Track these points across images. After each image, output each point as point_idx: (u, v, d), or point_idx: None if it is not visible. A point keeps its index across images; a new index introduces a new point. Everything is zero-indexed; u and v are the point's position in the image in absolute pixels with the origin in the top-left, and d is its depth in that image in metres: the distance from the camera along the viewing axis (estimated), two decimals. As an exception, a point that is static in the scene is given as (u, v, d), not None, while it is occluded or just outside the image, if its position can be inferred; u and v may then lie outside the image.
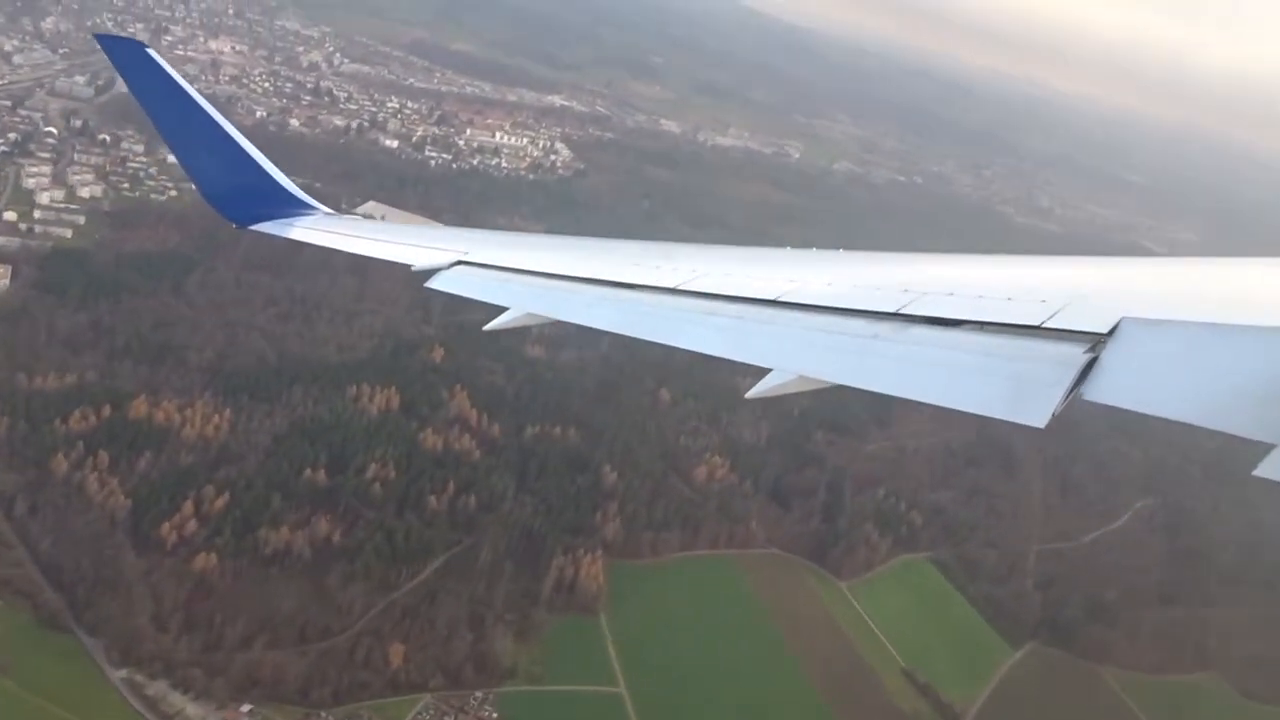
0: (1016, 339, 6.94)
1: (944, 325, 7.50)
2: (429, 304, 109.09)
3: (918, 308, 7.79)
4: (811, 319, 8.40)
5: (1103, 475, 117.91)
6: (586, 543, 78.97)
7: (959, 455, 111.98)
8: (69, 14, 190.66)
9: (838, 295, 8.61)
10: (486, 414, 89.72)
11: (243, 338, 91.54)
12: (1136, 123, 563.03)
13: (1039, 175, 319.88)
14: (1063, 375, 6.25)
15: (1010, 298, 7.65)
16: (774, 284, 9.19)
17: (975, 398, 6.66)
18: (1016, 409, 6.33)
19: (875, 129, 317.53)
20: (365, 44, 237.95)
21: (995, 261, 10.69)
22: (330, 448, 79.18)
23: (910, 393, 7.13)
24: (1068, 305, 7.14)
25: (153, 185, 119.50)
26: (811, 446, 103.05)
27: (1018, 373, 6.60)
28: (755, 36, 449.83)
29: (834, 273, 9.66)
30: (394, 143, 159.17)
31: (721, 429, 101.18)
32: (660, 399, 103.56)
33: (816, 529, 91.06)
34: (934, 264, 10.48)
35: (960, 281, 8.65)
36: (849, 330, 7.99)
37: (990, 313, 7.42)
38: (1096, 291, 7.83)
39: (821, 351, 8.14)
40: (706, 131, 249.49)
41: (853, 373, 7.71)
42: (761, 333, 8.60)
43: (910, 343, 7.46)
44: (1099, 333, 6.48)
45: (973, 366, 6.97)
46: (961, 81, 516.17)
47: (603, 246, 13.51)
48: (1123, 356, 6.22)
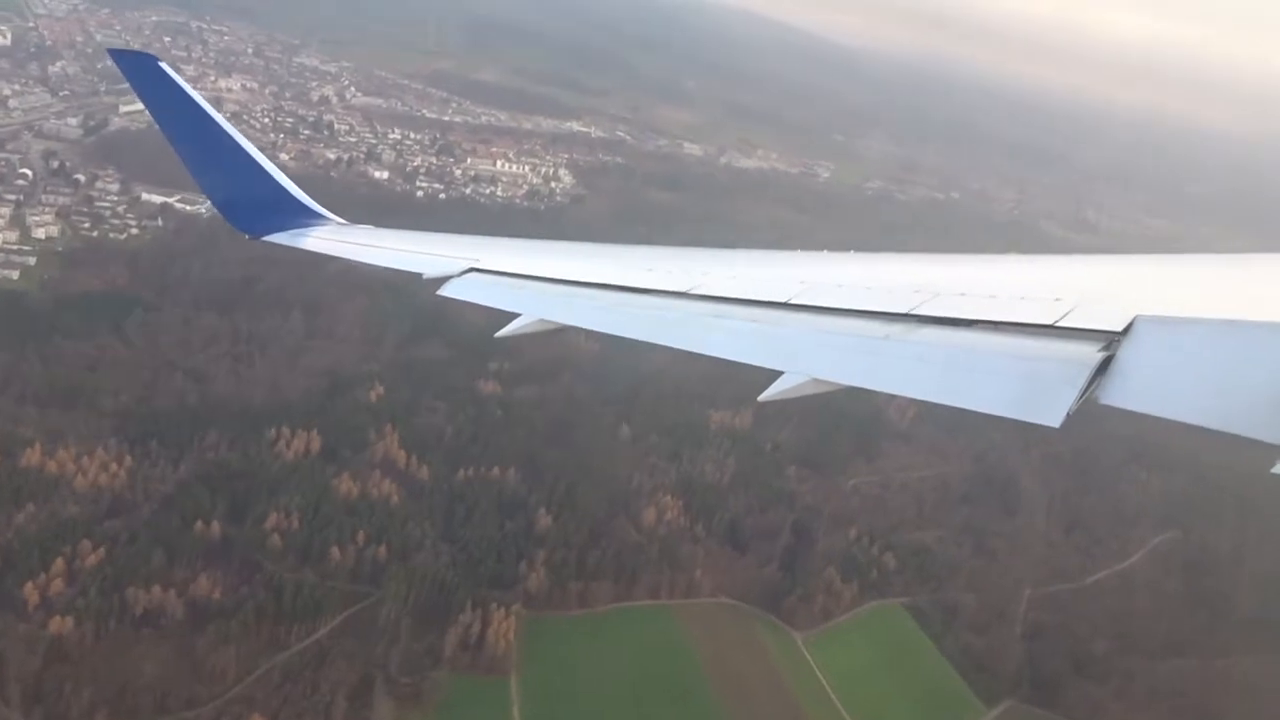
0: (1030, 338, 7.08)
1: (956, 325, 7.66)
2: (381, 339, 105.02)
3: (930, 308, 7.93)
4: (823, 321, 8.54)
5: (1117, 509, 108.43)
6: (504, 595, 73.13)
7: (953, 490, 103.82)
8: (81, 57, 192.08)
9: (849, 297, 8.75)
10: (417, 456, 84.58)
11: (165, 380, 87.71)
12: (1200, 132, 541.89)
13: (1089, 188, 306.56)
14: (1077, 374, 6.35)
15: (1023, 297, 7.79)
16: (786, 286, 9.33)
17: (989, 398, 6.76)
18: (1031, 409, 6.39)
19: (917, 146, 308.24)
20: (384, 78, 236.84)
21: (1007, 261, 10.76)
22: (234, 496, 74.58)
23: (923, 394, 7.21)
24: (1081, 304, 7.25)
25: (116, 224, 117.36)
26: (781, 484, 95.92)
27: (1031, 372, 6.72)
28: (798, 58, 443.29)
29: (845, 274, 9.85)
30: (384, 174, 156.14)
31: (682, 466, 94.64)
32: (620, 435, 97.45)
33: (773, 575, 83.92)
34: (945, 264, 10.55)
35: (972, 281, 8.77)
36: (861, 332, 8.12)
37: (1003, 312, 7.58)
38: (1110, 289, 7.95)
39: (834, 353, 8.20)
40: (731, 154, 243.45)
41: (865, 374, 7.73)
42: (773, 335, 8.69)
43: (923, 343, 7.58)
44: (1114, 331, 6.60)
45: (986, 367, 7.09)
46: (1011, 94, 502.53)
47: (614, 252, 13.39)
48: (1138, 355, 6.32)
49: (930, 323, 7.68)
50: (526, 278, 11.79)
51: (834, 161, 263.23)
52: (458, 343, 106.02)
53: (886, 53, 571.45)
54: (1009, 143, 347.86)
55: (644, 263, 11.49)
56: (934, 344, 7.46)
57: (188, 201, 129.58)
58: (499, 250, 13.51)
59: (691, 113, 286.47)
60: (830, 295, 8.78)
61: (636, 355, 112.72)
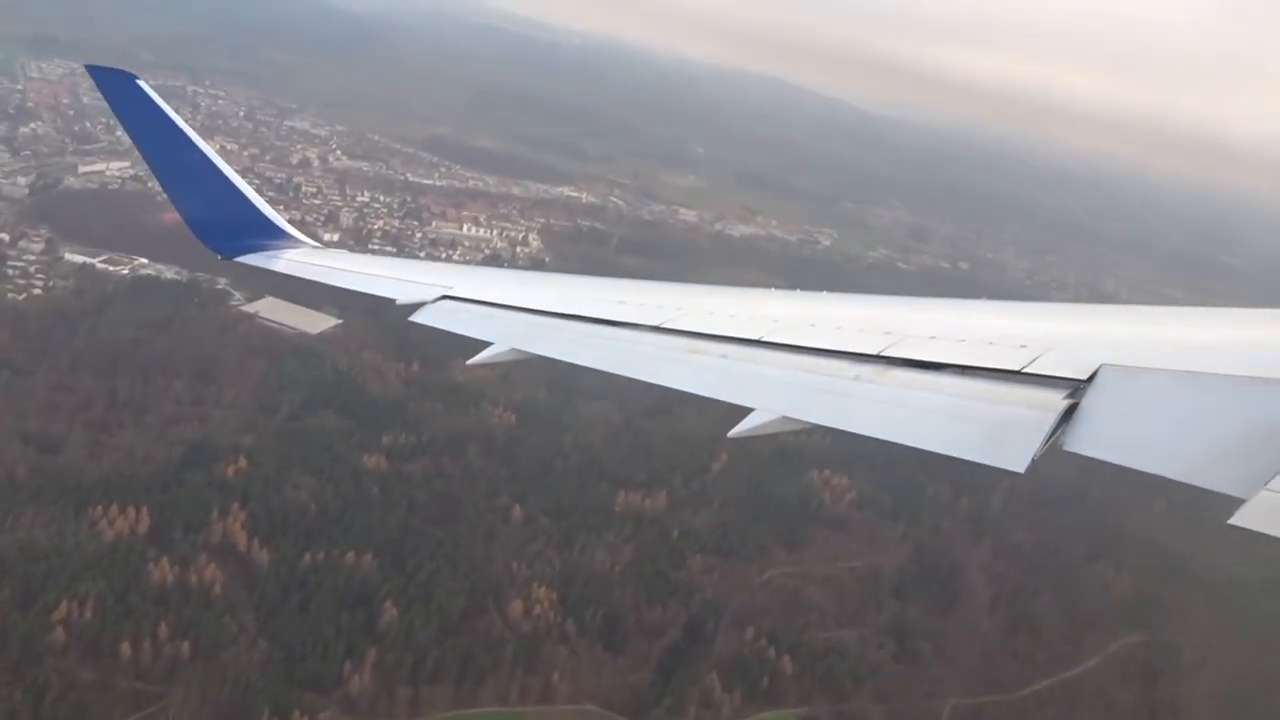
0: (997, 383, 7.23)
1: (926, 368, 7.75)
2: (275, 407, 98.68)
3: (900, 350, 8.08)
4: (794, 359, 8.69)
5: (1077, 608, 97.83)
6: (317, 700, 65.07)
7: (884, 583, 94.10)
8: (59, 119, 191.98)
9: (821, 336, 8.89)
10: (262, 538, 77.25)
11: (3, 450, 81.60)
12: (1243, 203, 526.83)
13: (1116, 260, 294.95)
14: (1043, 420, 6.50)
15: (992, 342, 7.93)
16: (758, 324, 9.49)
17: (955, 441, 6.82)
18: (996, 453, 6.54)
19: (933, 215, 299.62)
20: (376, 142, 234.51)
21: (978, 306, 10.79)
22: (29, 581, 67.64)
23: (890, 435, 7.22)
24: (1048, 351, 7.42)
25: (20, 284, 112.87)
26: (681, 575, 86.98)
27: (998, 417, 6.86)
28: (823, 125, 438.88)
29: (817, 313, 9.94)
30: (335, 235, 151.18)
31: (572, 552, 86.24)
32: (511, 517, 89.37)
33: (644, 680, 74.81)
34: (916, 307, 10.70)
35: (942, 325, 8.83)
36: (831, 371, 8.23)
37: (972, 357, 7.67)
38: (1077, 338, 8.12)
39: (804, 392, 8.25)
40: (727, 220, 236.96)
41: (834, 414, 7.75)
42: (744, 372, 8.78)
43: (892, 385, 7.71)
44: (1079, 379, 6.81)
45: (953, 410, 7.18)
46: (1041, 161, 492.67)
47: (589, 283, 13.41)
48: (1102, 403, 6.48)
49: (900, 364, 7.83)
50: (500, 306, 11.92)
51: (839, 229, 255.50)
52: (357, 412, 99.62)
53: (915, 120, 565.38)
54: (1036, 211, 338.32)
55: (619, 295, 11.56)
56: (903, 386, 7.61)
57: (112, 263, 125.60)
58: (473, 278, 13.45)
59: (697, 178, 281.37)
60: (802, 334, 8.99)
61: (552, 431, 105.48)
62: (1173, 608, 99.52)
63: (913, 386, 7.47)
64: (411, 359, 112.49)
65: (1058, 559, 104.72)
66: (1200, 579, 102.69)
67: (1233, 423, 5.74)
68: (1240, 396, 5.99)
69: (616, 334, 10.10)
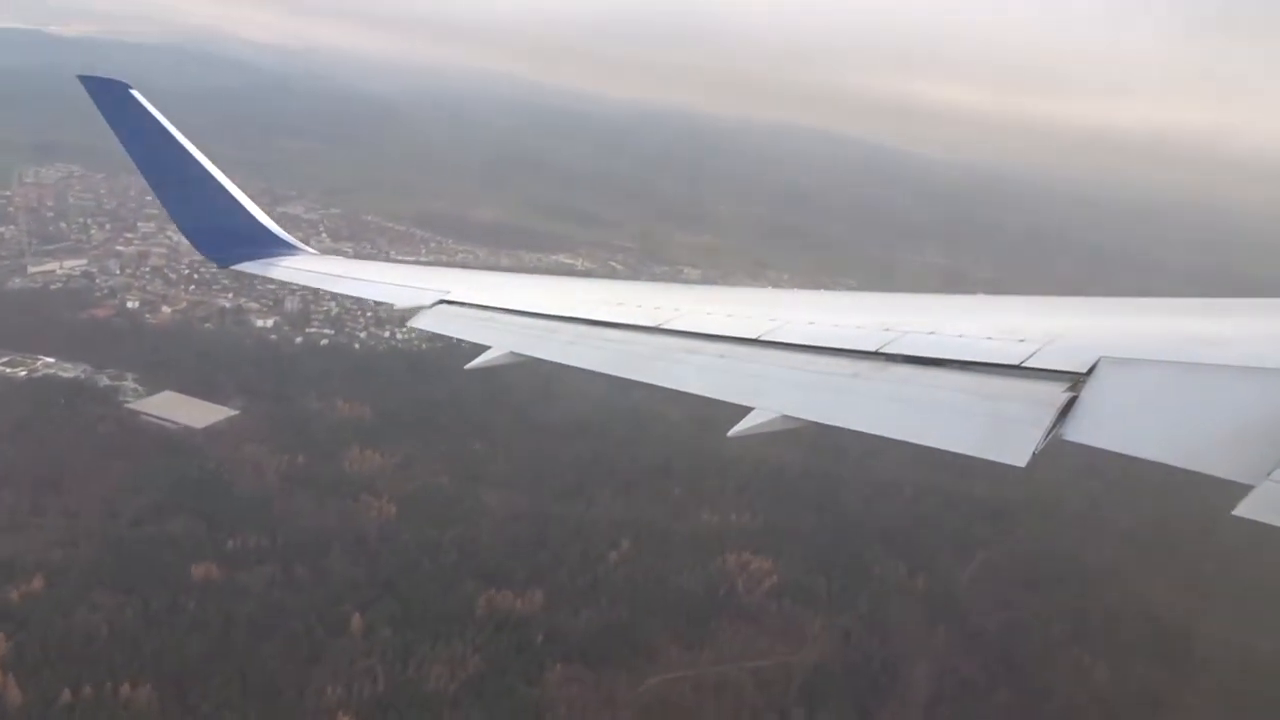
0: (997, 378, 7.11)
1: (925, 364, 7.65)
2: (119, 512, 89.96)
3: (899, 347, 7.98)
4: (793, 358, 8.56)
5: (1038, 706, 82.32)
6: None
7: (793, 686, 80.00)
8: (35, 221, 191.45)
9: (819, 334, 8.80)
10: (24, 672, 67.31)
11: None
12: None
13: (1168, 294, 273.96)
14: (1042, 414, 6.42)
15: (990, 337, 7.81)
16: (756, 323, 9.31)
17: (955, 437, 6.77)
18: (996, 448, 6.43)
19: (971, 259, 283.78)
20: (368, 222, 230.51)
21: (976, 301, 10.79)
22: None
23: (890, 431, 7.13)
24: (1047, 345, 7.28)
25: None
26: (534, 691, 74.39)
27: (998, 412, 6.76)
28: (865, 173, 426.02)
29: (816, 312, 9.79)
30: (269, 322, 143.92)
31: (408, 670, 74.48)
32: (349, 628, 78.15)
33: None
34: (915, 303, 10.67)
35: (941, 321, 8.58)
36: (830, 369, 8.10)
37: (971, 352, 7.54)
38: (1076, 332, 7.92)
39: (803, 390, 8.11)
40: (735, 276, 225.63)
41: (833, 412, 7.60)
42: (743, 371, 8.65)
43: (891, 381, 7.60)
44: (1078, 372, 6.70)
45: (953, 405, 7.06)
46: (1101, 198, 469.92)
47: (586, 285, 13.62)
48: (1102, 395, 6.40)
49: (899, 361, 7.75)
50: (497, 310, 12.01)
51: (859, 278, 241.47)
52: (213, 514, 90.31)
53: (965, 162, 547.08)
54: (1094, 250, 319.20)
55: (616, 297, 11.56)
56: (902, 382, 7.52)
57: (12, 364, 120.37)
58: (471, 282, 13.56)
59: (713, 236, 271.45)
60: (801, 332, 8.92)
61: (435, 524, 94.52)
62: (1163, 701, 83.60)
63: (912, 383, 7.41)
64: (298, 451, 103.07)
65: (1027, 644, 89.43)
66: (1204, 661, 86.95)
67: (1233, 412, 5.69)
68: (1240, 387, 5.96)
69: (614, 335, 10.09)
